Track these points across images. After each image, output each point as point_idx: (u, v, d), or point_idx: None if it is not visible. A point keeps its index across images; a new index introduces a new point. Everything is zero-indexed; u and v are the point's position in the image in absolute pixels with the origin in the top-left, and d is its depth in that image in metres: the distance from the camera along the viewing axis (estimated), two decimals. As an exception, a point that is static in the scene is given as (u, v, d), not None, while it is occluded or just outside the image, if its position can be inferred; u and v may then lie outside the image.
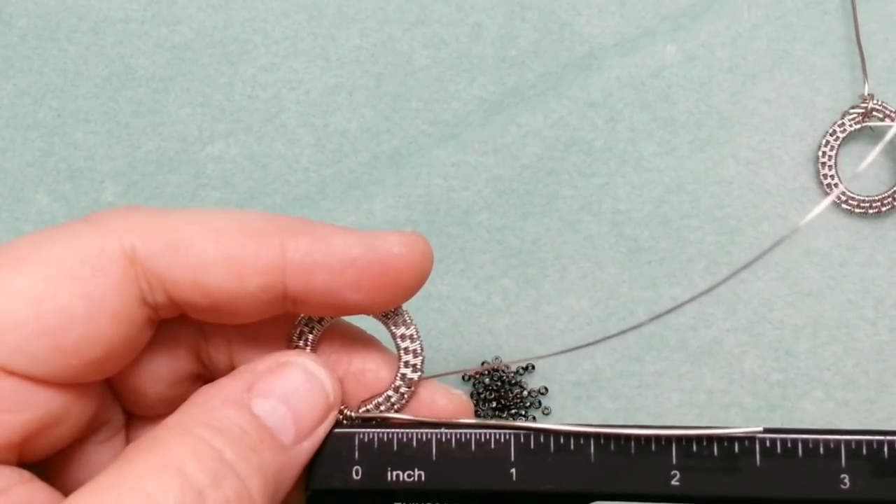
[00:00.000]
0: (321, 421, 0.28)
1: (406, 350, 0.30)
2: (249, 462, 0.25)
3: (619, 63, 0.45)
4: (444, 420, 0.29)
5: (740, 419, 0.30)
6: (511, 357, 0.44)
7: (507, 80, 0.45)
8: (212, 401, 0.26)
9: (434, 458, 0.28)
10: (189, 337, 0.29)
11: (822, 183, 0.44)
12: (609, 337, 0.31)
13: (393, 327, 0.30)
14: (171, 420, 0.26)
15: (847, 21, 0.45)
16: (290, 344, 0.30)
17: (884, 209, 0.44)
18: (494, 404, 0.44)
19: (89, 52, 0.46)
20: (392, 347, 0.30)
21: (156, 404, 0.29)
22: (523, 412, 0.44)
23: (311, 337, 0.29)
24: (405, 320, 0.30)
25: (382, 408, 0.30)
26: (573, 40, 0.46)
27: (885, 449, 0.28)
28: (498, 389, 0.44)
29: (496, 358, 0.44)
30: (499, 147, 0.45)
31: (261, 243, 0.26)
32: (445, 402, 0.30)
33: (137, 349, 0.28)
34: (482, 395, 0.44)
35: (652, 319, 0.30)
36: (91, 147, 0.46)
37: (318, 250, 0.27)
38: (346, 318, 0.31)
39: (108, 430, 0.30)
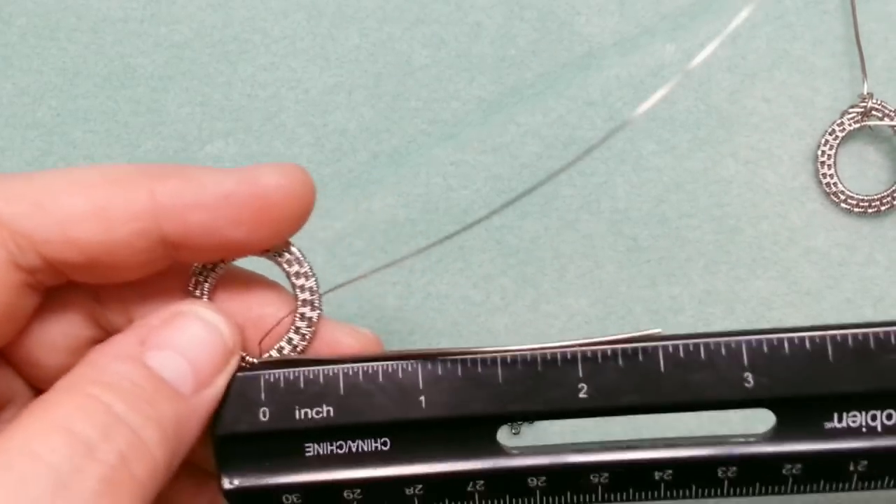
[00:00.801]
0: (221, 368, 0.27)
1: (302, 288, 0.29)
2: (144, 413, 0.24)
3: (618, 62, 0.45)
4: (348, 356, 0.29)
5: (738, 417, 0.30)
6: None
7: (507, 80, 0.45)
8: (102, 358, 0.26)
9: (342, 392, 0.28)
10: (81, 302, 0.29)
11: (821, 182, 0.44)
12: (398, 260, 0.31)
13: (286, 266, 0.29)
14: (62, 381, 0.25)
15: (847, 20, 0.45)
16: (187, 295, 0.29)
17: (883, 209, 0.44)
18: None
19: (88, 52, 0.46)
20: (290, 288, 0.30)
21: (59, 375, 0.28)
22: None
23: (206, 286, 0.29)
24: (297, 258, 0.29)
25: (286, 350, 0.29)
26: (572, 40, 0.46)
27: (786, 345, 0.28)
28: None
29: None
30: (498, 146, 0.45)
31: (128, 191, 0.26)
32: (351, 340, 0.30)
33: (21, 318, 0.27)
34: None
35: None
36: (90, 146, 0.46)
37: (190, 190, 0.26)
38: (244, 266, 0.30)
39: (13, 407, 0.29)
